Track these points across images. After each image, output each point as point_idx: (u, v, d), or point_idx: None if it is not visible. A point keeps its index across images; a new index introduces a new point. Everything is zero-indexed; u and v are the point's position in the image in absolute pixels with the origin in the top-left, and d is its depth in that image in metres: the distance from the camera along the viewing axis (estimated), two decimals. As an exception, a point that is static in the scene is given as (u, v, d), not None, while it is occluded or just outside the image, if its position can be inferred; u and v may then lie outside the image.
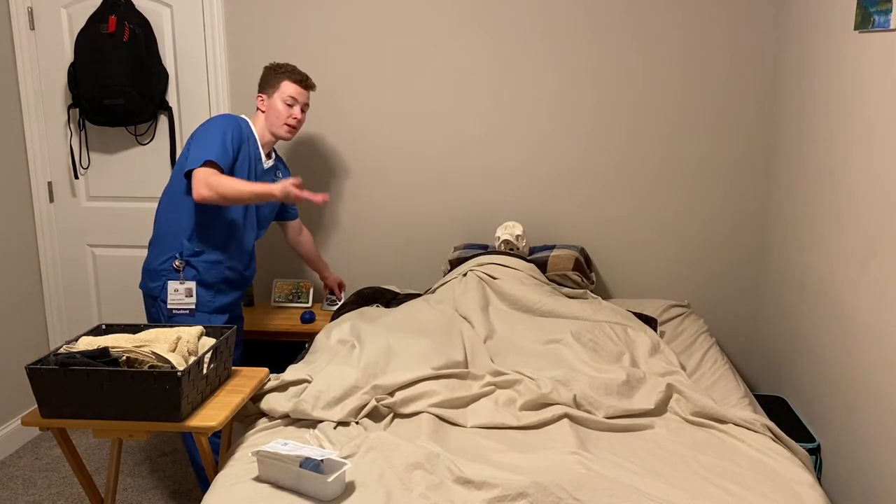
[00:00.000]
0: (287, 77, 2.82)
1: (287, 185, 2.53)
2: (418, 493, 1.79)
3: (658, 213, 3.37)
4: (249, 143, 2.79)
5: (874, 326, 2.27)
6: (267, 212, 2.96)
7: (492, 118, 3.37)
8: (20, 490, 3.05)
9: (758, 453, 2.00)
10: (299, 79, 2.84)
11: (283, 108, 2.82)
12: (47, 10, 3.41)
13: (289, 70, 2.84)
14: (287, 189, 2.52)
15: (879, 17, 2.23)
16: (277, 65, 2.87)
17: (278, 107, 2.81)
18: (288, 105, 2.82)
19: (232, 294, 2.84)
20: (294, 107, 2.84)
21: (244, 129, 2.77)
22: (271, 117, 2.82)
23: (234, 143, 2.68)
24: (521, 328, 2.74)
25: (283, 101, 2.81)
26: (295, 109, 2.84)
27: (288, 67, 2.85)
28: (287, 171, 3.05)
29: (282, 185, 2.52)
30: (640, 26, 3.21)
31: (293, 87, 2.82)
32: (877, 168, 2.27)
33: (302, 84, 2.85)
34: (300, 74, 2.85)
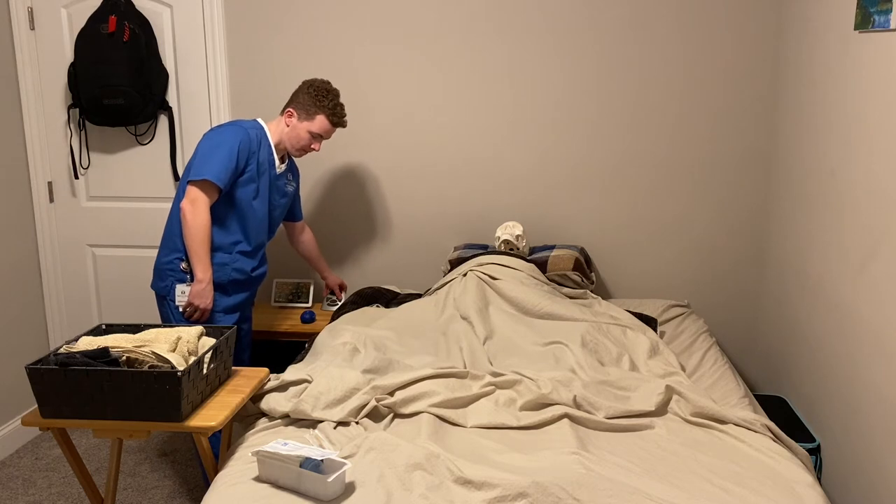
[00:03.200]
0: (326, 114, 2.76)
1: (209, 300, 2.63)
2: (418, 493, 1.79)
3: (658, 212, 3.37)
4: (262, 149, 2.76)
5: (874, 326, 2.27)
6: (278, 214, 2.93)
7: (492, 119, 3.37)
8: (20, 490, 3.05)
9: (758, 453, 2.00)
10: (337, 121, 2.79)
11: (308, 138, 2.78)
12: (47, 10, 3.41)
13: (330, 107, 2.77)
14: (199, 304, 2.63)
15: (879, 17, 2.23)
16: (324, 91, 2.77)
17: (302, 135, 2.78)
18: (313, 138, 2.80)
19: (240, 295, 2.83)
20: (319, 141, 2.82)
21: (255, 138, 2.73)
22: (292, 138, 2.79)
23: (241, 156, 2.66)
24: (522, 329, 2.74)
25: (310, 132, 2.78)
26: (318, 144, 2.82)
27: (329, 102, 2.77)
28: (296, 177, 3.03)
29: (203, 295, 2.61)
30: (640, 27, 3.21)
31: (328, 126, 2.78)
32: (877, 168, 2.27)
33: (337, 125, 2.81)
34: (339, 116, 2.79)
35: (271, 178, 2.81)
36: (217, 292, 2.74)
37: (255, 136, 2.74)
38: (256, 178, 2.74)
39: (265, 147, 2.78)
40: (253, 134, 2.74)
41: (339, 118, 2.79)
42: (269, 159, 2.80)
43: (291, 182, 2.98)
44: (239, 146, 2.66)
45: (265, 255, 2.93)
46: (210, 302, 2.65)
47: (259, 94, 3.45)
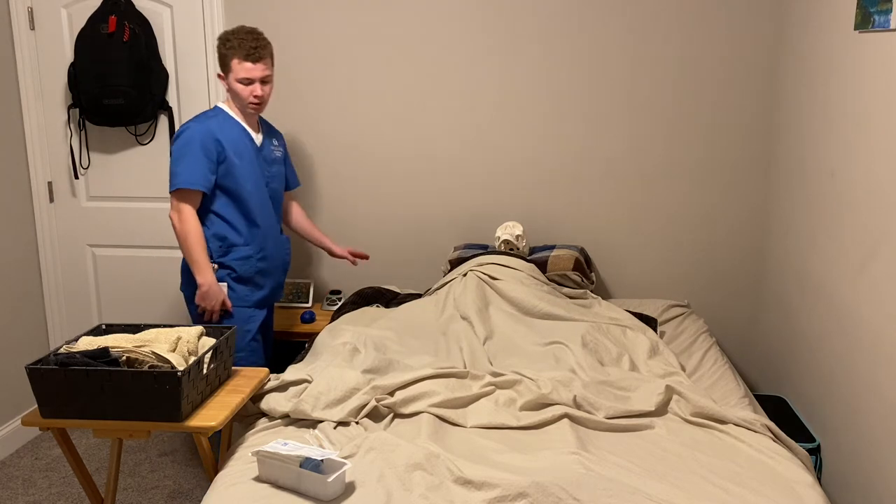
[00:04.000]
0: (235, 55, 2.61)
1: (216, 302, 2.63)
2: (418, 493, 1.79)
3: (658, 212, 3.37)
4: (229, 130, 2.69)
5: (874, 326, 2.27)
6: (276, 185, 2.88)
7: (492, 118, 3.37)
8: (20, 490, 3.05)
9: (758, 453, 2.00)
10: (246, 53, 2.61)
11: (241, 88, 2.65)
12: (47, 10, 3.41)
13: (235, 45, 2.61)
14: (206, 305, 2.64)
15: (879, 17, 2.23)
16: (226, 38, 2.65)
17: (236, 89, 2.66)
18: (244, 85, 2.65)
19: (269, 284, 2.83)
20: (252, 85, 2.66)
21: (216, 126, 2.66)
22: (235, 99, 2.70)
23: (207, 150, 2.61)
24: (522, 329, 2.74)
25: (237, 81, 2.64)
26: (254, 87, 2.66)
27: (235, 41, 2.61)
28: (282, 141, 2.95)
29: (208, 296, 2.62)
30: (640, 27, 3.21)
31: (242, 65, 2.62)
32: (877, 168, 2.27)
33: (251, 59, 2.62)
34: (246, 48, 2.60)
35: (255, 153, 2.75)
36: (248, 286, 2.75)
37: (216, 122, 2.68)
38: (239, 161, 2.68)
39: (231, 126, 2.71)
40: (213, 122, 2.67)
41: (247, 50, 2.61)
42: (243, 135, 2.73)
43: (278, 147, 2.91)
44: (201, 142, 2.61)
45: (283, 235, 2.91)
46: (217, 302, 2.65)
47: (259, 94, 3.45)
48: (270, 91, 2.73)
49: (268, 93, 2.71)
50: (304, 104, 3.45)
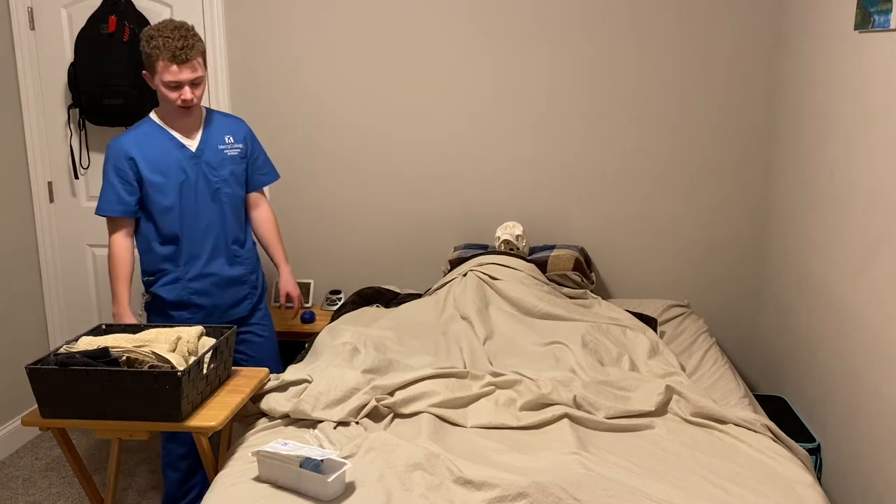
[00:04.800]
0: (160, 56, 2.35)
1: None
2: (418, 493, 1.79)
3: (658, 212, 3.37)
4: (153, 144, 2.50)
5: (874, 326, 2.27)
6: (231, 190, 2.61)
7: (492, 118, 3.37)
8: (20, 490, 3.05)
9: (758, 453, 2.00)
10: (172, 55, 2.34)
11: (168, 92, 2.41)
12: (47, 10, 3.41)
13: (160, 45, 2.34)
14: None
15: (879, 17, 2.23)
16: (150, 35, 2.38)
17: (163, 92, 2.42)
18: (171, 89, 2.41)
19: (215, 302, 2.63)
20: (180, 87, 2.41)
21: (133, 142, 2.48)
22: (161, 101, 2.48)
23: (119, 175, 2.47)
24: (522, 329, 2.74)
25: (164, 83, 2.40)
26: (182, 91, 2.41)
27: (160, 40, 2.34)
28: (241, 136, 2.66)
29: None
30: (640, 26, 3.21)
31: (168, 68, 2.36)
32: (877, 168, 2.27)
33: (177, 60, 2.35)
34: (172, 48, 2.34)
35: (187, 161, 2.53)
36: (188, 311, 2.61)
37: (135, 137, 2.50)
38: (161, 178, 2.50)
39: (155, 138, 2.51)
40: (132, 137, 2.50)
41: (172, 50, 2.34)
42: (169, 146, 2.52)
43: (233, 145, 2.64)
44: (114, 164, 2.47)
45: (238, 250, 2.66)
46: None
47: (259, 93, 3.45)
48: (203, 93, 2.49)
49: (199, 95, 2.47)
50: (303, 104, 3.45)
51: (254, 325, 2.79)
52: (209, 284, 2.63)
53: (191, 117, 2.55)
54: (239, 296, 2.71)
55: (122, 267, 2.54)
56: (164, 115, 2.55)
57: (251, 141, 2.73)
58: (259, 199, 2.79)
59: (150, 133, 2.53)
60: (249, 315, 2.78)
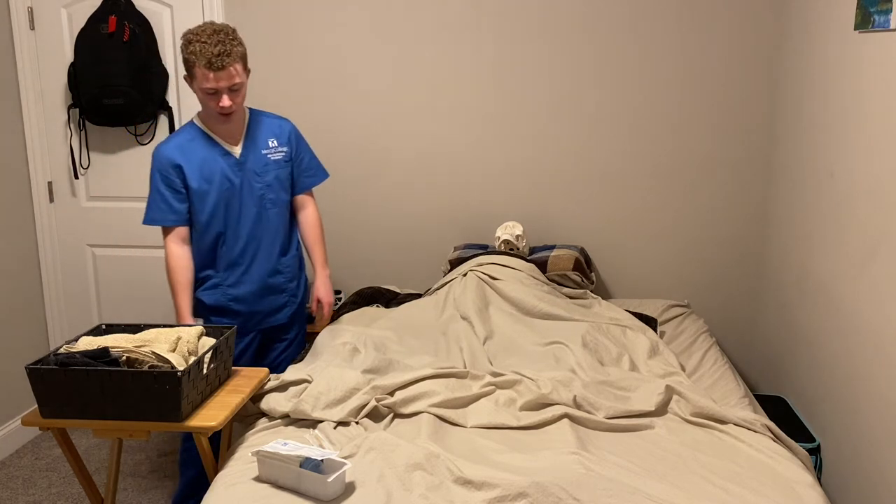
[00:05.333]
0: (197, 62, 2.31)
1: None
2: (418, 493, 1.79)
3: (658, 212, 3.37)
4: (198, 150, 2.47)
5: (874, 326, 2.27)
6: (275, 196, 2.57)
7: (492, 118, 3.37)
8: (20, 490, 3.05)
9: (758, 453, 2.00)
10: (208, 62, 2.29)
11: (207, 98, 2.38)
12: (47, 10, 3.41)
13: (197, 51, 2.30)
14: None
15: (879, 17, 2.23)
16: (188, 39, 2.33)
17: (201, 98, 2.39)
18: (210, 94, 2.37)
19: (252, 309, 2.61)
20: (217, 94, 2.36)
21: (178, 149, 2.46)
22: (202, 107, 2.45)
23: (165, 184, 2.45)
24: (522, 329, 2.74)
25: (202, 91, 2.36)
26: (221, 98, 2.36)
27: (197, 45, 2.30)
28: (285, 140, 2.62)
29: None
30: (640, 26, 3.21)
31: (205, 74, 2.31)
32: (877, 168, 2.27)
33: (214, 67, 2.30)
34: (209, 55, 2.28)
35: (231, 168, 2.50)
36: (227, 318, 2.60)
37: (179, 144, 2.47)
38: (206, 185, 2.47)
39: (199, 145, 2.48)
40: (172, 147, 2.47)
41: (208, 57, 2.29)
42: (214, 152, 2.48)
43: (277, 149, 2.59)
44: (161, 174, 2.45)
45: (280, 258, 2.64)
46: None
47: (259, 94, 3.45)
48: (243, 98, 2.44)
49: (239, 102, 2.42)
50: (303, 104, 3.45)
51: (291, 333, 2.79)
52: (248, 292, 2.61)
53: (233, 122, 2.50)
54: (278, 304, 2.69)
55: (180, 275, 2.48)
56: (206, 119, 2.50)
57: (296, 142, 2.67)
58: (305, 201, 2.73)
59: (195, 139, 2.49)
60: (289, 323, 2.76)
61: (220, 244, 2.56)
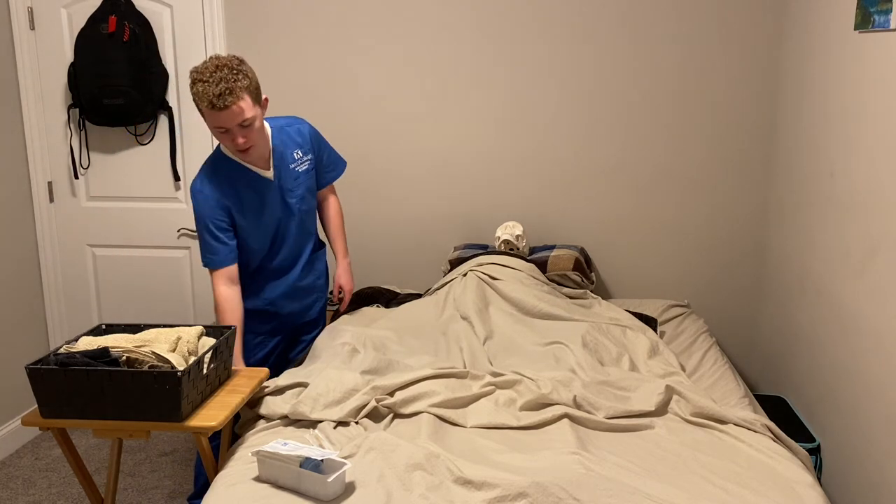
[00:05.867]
0: (202, 105, 2.24)
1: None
2: (418, 493, 1.79)
3: (658, 212, 3.37)
4: (237, 180, 2.45)
5: (874, 326, 2.27)
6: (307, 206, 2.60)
7: (492, 119, 3.37)
8: (20, 490, 3.05)
9: (758, 453, 2.00)
10: (209, 104, 2.21)
11: (220, 138, 2.32)
12: (47, 10, 3.41)
13: (200, 91, 2.21)
14: None
15: (879, 17, 2.23)
16: (192, 79, 2.24)
17: (215, 135, 2.33)
18: (221, 133, 2.30)
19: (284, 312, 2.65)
20: (229, 133, 2.28)
21: (219, 186, 2.41)
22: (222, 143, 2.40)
23: (219, 223, 2.42)
24: (522, 329, 2.74)
25: (212, 130, 2.31)
26: (232, 135, 2.28)
27: (200, 86, 2.21)
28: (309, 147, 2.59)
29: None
30: (640, 26, 3.21)
31: (210, 115, 2.25)
32: (877, 168, 2.27)
33: (216, 108, 2.21)
34: (210, 96, 2.20)
35: (268, 189, 2.50)
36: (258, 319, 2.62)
37: (218, 181, 2.42)
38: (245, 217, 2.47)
39: (236, 174, 2.44)
40: (214, 186, 2.40)
41: (210, 99, 2.20)
42: (248, 179, 2.46)
43: (304, 159, 2.58)
44: (211, 219, 2.40)
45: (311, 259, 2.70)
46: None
47: (259, 94, 3.45)
48: (256, 132, 2.32)
49: (253, 136, 2.31)
50: (303, 104, 3.45)
51: (318, 328, 2.85)
52: (282, 295, 2.66)
53: (256, 151, 2.41)
54: (310, 301, 2.77)
55: (230, 317, 2.45)
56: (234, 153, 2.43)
57: (316, 143, 2.65)
58: (327, 193, 2.80)
59: (226, 170, 2.43)
60: (319, 317, 2.86)
61: (266, 260, 2.62)
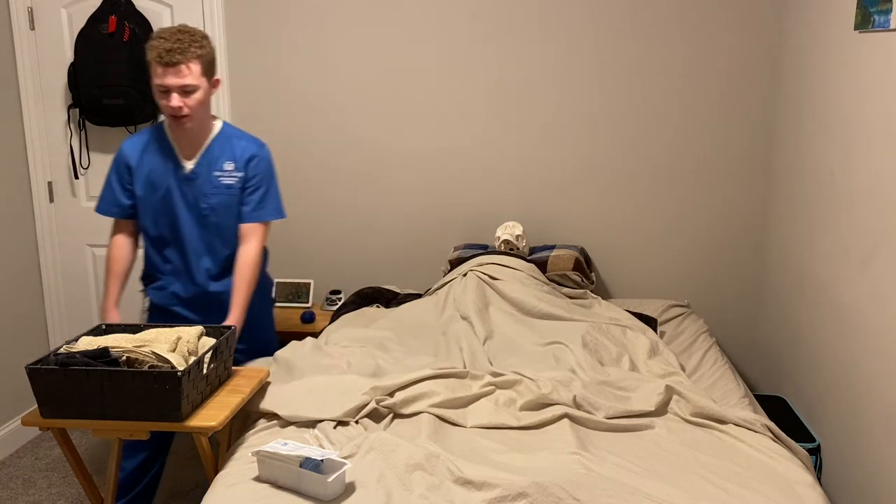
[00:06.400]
0: (152, 56, 2.20)
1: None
2: (418, 493, 1.79)
3: (658, 212, 3.37)
4: (155, 155, 2.41)
5: (874, 326, 2.27)
6: (218, 220, 2.45)
7: (492, 118, 3.37)
8: (20, 490, 3.05)
9: (758, 453, 2.00)
10: (158, 55, 2.18)
11: (159, 97, 2.26)
12: (47, 10, 3.41)
13: (153, 45, 2.20)
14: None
15: (879, 17, 2.23)
16: (150, 37, 2.24)
17: (156, 97, 2.26)
18: (161, 92, 2.25)
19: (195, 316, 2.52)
20: (168, 94, 2.24)
21: (134, 149, 2.42)
22: (162, 110, 2.32)
23: (116, 177, 2.45)
24: (522, 329, 2.74)
25: (155, 88, 2.25)
26: (171, 98, 2.24)
27: (156, 39, 2.21)
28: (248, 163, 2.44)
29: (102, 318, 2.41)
30: (641, 27, 3.21)
31: (157, 71, 2.21)
32: (877, 168, 2.27)
33: (163, 62, 2.18)
34: (161, 49, 2.18)
35: (179, 182, 2.42)
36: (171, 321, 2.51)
37: (137, 144, 2.42)
38: (149, 192, 2.42)
39: (157, 149, 2.41)
40: (132, 147, 2.42)
41: (159, 52, 2.18)
42: (167, 161, 2.40)
43: (231, 174, 2.44)
44: (115, 167, 2.44)
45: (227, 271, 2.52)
46: None
47: (259, 93, 3.45)
48: (198, 105, 2.29)
49: (192, 106, 2.27)
50: (303, 104, 3.45)
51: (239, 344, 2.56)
52: (190, 300, 2.55)
53: (192, 132, 2.38)
54: (223, 313, 2.50)
55: (113, 264, 2.51)
56: (171, 123, 2.39)
57: (255, 171, 2.46)
58: (248, 234, 2.47)
59: (154, 142, 2.43)
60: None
61: (163, 248, 2.52)
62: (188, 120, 2.30)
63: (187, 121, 2.30)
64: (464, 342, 2.62)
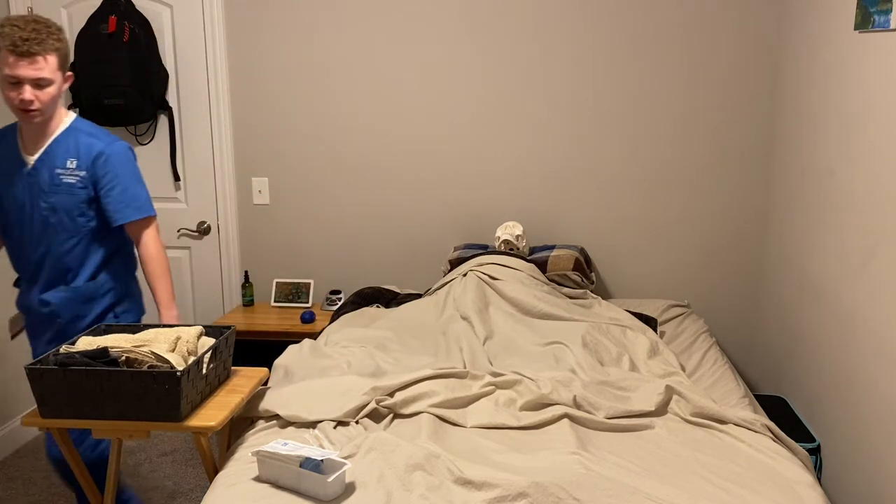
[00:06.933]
0: (3, 44, 2.07)
1: None
2: (418, 493, 1.79)
3: (658, 213, 3.37)
4: (4, 148, 2.29)
5: (874, 326, 2.26)
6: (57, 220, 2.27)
7: (493, 118, 3.37)
8: (20, 490, 3.05)
9: (758, 453, 2.00)
10: (12, 44, 2.05)
11: (8, 89, 2.11)
12: (47, 10, 3.41)
13: (7, 33, 2.06)
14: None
15: (879, 17, 2.23)
16: (2, 23, 2.09)
17: (3, 89, 2.12)
18: (11, 84, 2.11)
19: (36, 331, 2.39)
20: (20, 87, 2.11)
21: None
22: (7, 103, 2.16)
23: None
24: (522, 329, 2.74)
25: (4, 80, 2.10)
26: (22, 90, 2.11)
27: (7, 28, 2.06)
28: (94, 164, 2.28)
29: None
30: (641, 27, 3.21)
31: (9, 61, 2.07)
32: (877, 168, 2.27)
33: (16, 52, 2.06)
34: (15, 38, 2.05)
35: (21, 176, 2.26)
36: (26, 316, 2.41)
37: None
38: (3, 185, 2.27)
39: (7, 142, 2.29)
40: None
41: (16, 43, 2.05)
42: (13, 155, 2.27)
43: (73, 172, 2.27)
44: None
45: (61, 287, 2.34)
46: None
47: (259, 93, 3.45)
48: (51, 101, 2.17)
49: (45, 101, 2.15)
50: (303, 104, 3.45)
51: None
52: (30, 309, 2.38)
53: (40, 126, 2.24)
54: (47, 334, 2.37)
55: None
56: (17, 117, 2.22)
57: (105, 170, 2.29)
58: (136, 235, 2.36)
59: (10, 135, 2.30)
60: None
61: (19, 249, 2.35)
62: (38, 115, 2.18)
63: (37, 115, 2.18)
64: (464, 342, 2.62)
